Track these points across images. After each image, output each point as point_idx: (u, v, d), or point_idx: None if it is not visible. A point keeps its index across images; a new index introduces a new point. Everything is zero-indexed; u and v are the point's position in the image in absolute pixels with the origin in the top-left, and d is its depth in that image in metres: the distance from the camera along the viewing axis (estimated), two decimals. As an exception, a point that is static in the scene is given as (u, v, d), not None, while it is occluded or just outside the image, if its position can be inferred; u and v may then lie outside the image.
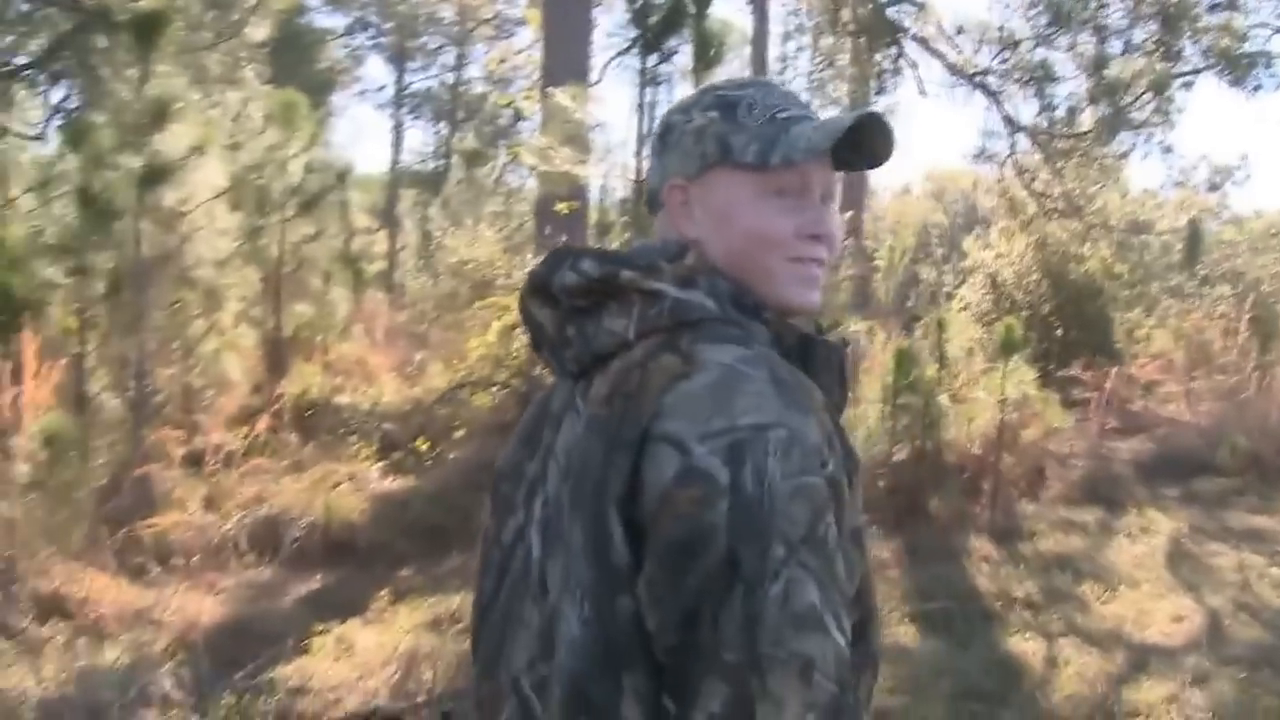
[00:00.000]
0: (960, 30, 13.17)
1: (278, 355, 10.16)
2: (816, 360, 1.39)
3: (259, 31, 11.10)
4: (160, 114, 7.53)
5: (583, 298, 1.39)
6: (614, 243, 8.84)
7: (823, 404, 1.30)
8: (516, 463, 1.50)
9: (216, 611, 5.82)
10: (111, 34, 9.05)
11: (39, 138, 11.26)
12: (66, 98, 14.59)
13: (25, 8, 10.76)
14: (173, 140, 7.61)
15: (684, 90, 8.24)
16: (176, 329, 8.74)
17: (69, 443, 6.00)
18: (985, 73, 12.21)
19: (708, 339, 1.30)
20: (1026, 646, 6.10)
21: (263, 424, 8.63)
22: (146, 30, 7.59)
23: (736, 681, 1.15)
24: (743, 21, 18.80)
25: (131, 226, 7.65)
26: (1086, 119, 12.08)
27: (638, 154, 8.07)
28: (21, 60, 11.28)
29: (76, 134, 8.34)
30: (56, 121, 12.02)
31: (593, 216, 11.79)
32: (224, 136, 9.21)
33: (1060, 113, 12.29)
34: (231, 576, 6.48)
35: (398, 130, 29.25)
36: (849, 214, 12.35)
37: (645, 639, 1.21)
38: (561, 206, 8.68)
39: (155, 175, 7.56)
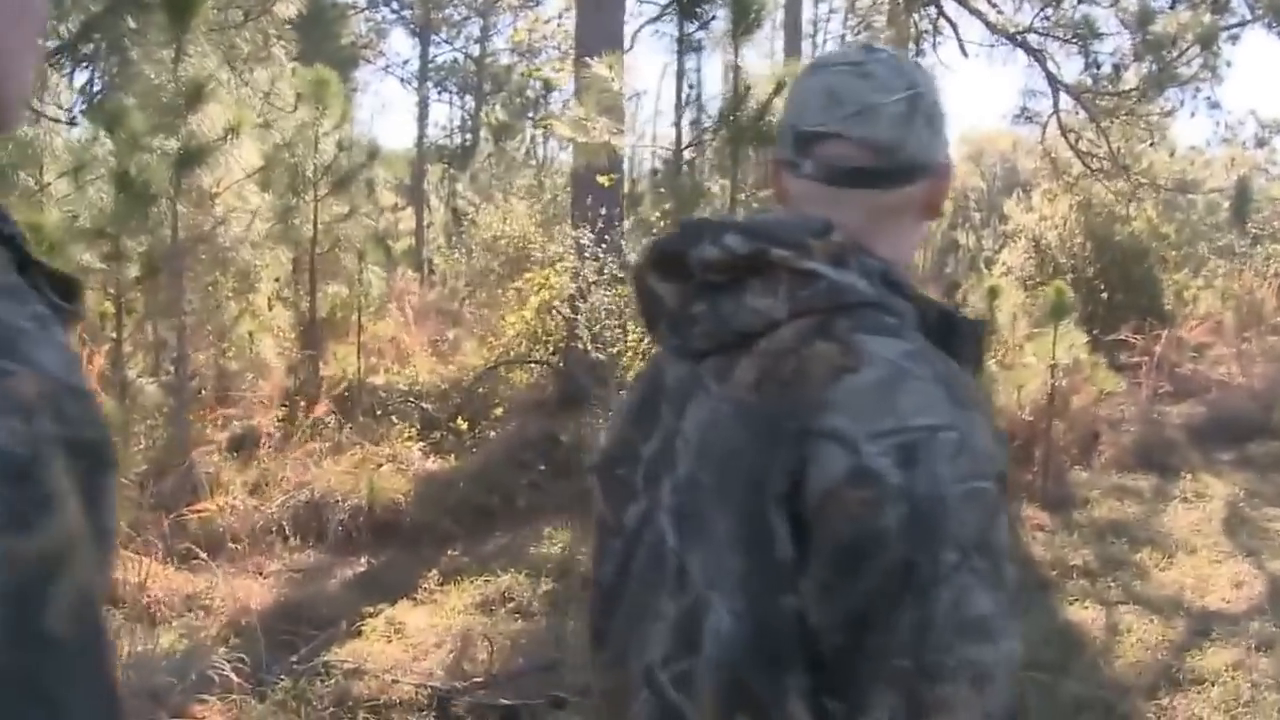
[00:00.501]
0: (1000, -12, 12.86)
1: (313, 336, 10.10)
2: (959, 335, 1.34)
3: (288, 8, 10.99)
4: (195, 95, 7.45)
5: (722, 273, 1.31)
6: (653, 213, 8.74)
7: (980, 395, 1.26)
8: (627, 444, 1.43)
9: (266, 596, 5.78)
10: (141, 15, 8.99)
11: (71, 122, 11.22)
12: (89, 81, 14.57)
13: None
14: (207, 121, 7.54)
15: (720, 57, 8.09)
16: (211, 312, 8.70)
17: (114, 429, 5.95)
18: (1026, 31, 11.91)
19: (866, 329, 1.25)
20: (1085, 615, 6.02)
21: (301, 406, 8.58)
22: (179, 10, 7.51)
23: (907, 690, 1.12)
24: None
25: (167, 209, 7.59)
26: (1131, 76, 11.80)
27: (677, 123, 7.95)
28: (52, 44, 11.23)
29: (111, 117, 8.29)
30: (88, 105, 11.99)
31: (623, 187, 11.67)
32: (255, 116, 9.14)
33: (1105, 70, 11.99)
34: (278, 560, 6.44)
35: (423, 105, 29.01)
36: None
37: (807, 636, 1.17)
38: (603, 179, 8.57)
39: (191, 157, 7.50)
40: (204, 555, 5.96)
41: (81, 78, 13.46)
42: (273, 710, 4.36)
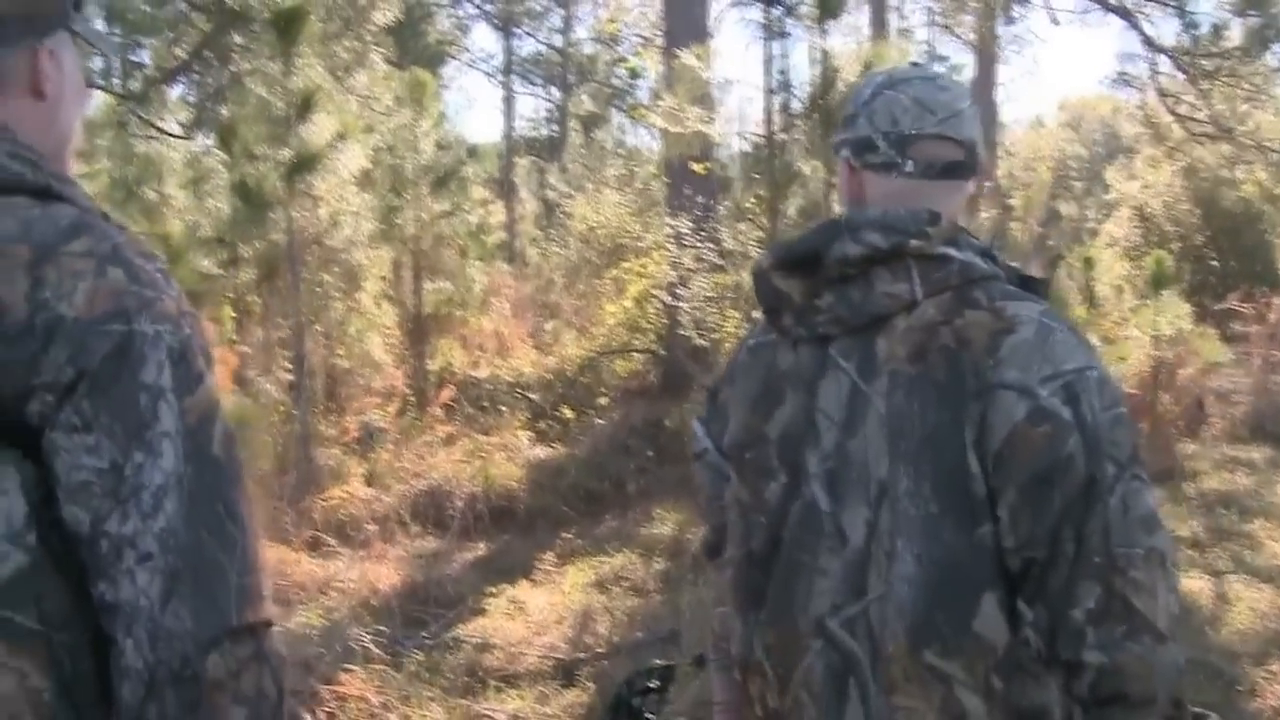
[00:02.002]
0: (1091, -50, 12.51)
1: (420, 332, 10.39)
2: (1036, 292, 1.56)
3: (385, 14, 11.32)
4: (305, 105, 7.76)
5: (857, 266, 1.50)
6: (746, 200, 8.83)
7: None
8: (751, 429, 1.63)
9: (393, 578, 6.05)
10: (249, 33, 9.33)
11: (188, 137, 11.68)
12: (202, 98, 15.00)
13: (181, 6, 11.13)
14: (316, 129, 7.83)
15: (807, 41, 8.14)
16: (321, 311, 9.01)
17: (245, 425, 6.25)
18: (1120, -6, 11.64)
19: (1002, 296, 1.49)
20: (1193, 585, 5.99)
21: (411, 400, 8.86)
22: (287, 26, 7.81)
23: (1107, 579, 1.38)
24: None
25: (282, 215, 7.89)
26: (1234, 34, 11.45)
27: (766, 108, 8.04)
28: (169, 65, 11.69)
29: (226, 131, 8.65)
30: (204, 119, 12.44)
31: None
32: (358, 121, 9.42)
33: (1204, 30, 11.67)
34: (400, 546, 6.70)
35: (509, 98, 29.26)
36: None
37: (1002, 557, 1.42)
38: (698, 167, 8.70)
39: (303, 164, 7.80)
40: (332, 542, 6.27)
41: (194, 95, 13.93)
42: (410, 680, 4.64)
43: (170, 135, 11.16)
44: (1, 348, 1.13)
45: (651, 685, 1.92)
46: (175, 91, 13.30)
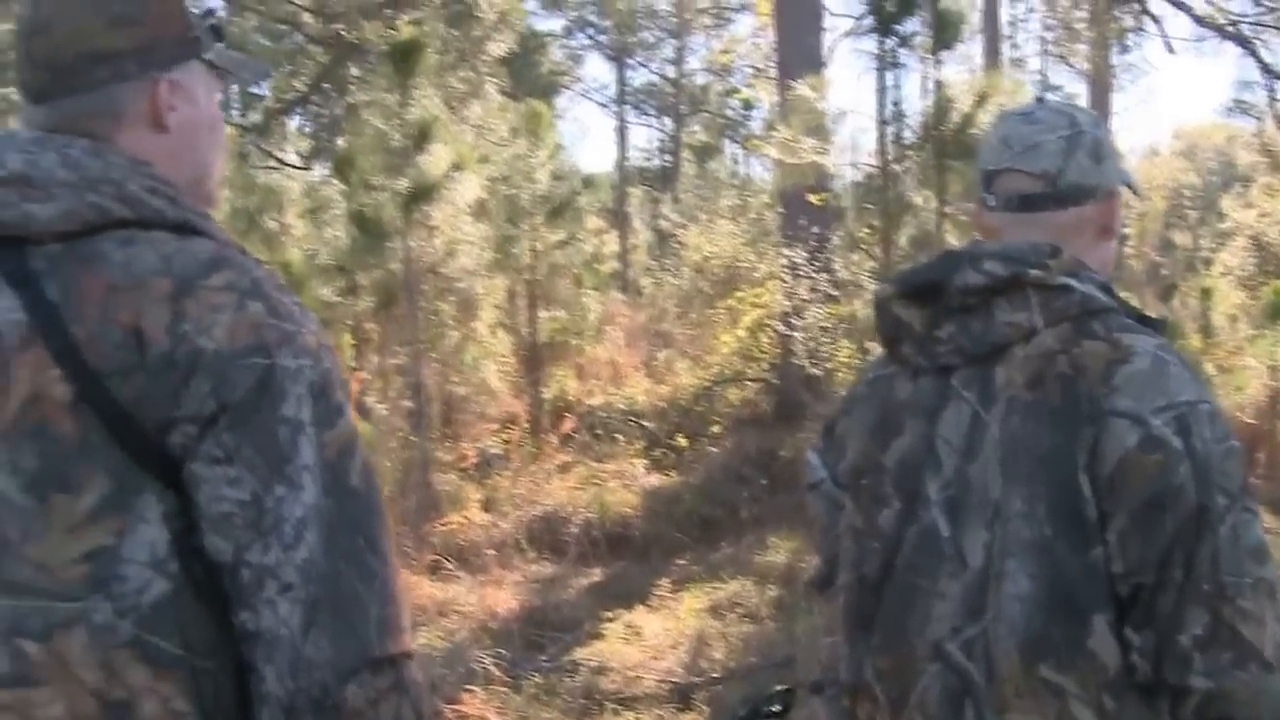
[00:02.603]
0: (1208, -21, 12.36)
1: (534, 360, 10.56)
2: (1154, 330, 1.58)
3: (499, 47, 11.58)
4: (423, 136, 7.96)
5: (977, 296, 1.55)
6: (859, 230, 8.84)
7: None
8: (868, 456, 1.66)
9: (511, 602, 6.18)
10: (366, 65, 9.61)
11: (306, 167, 12.05)
12: (320, 129, 15.48)
13: (299, 39, 11.54)
14: (433, 160, 8.03)
15: (920, 72, 8.15)
16: (438, 339, 9.22)
17: (370, 449, 6.44)
18: (1237, 22, 11.46)
19: (1119, 328, 1.53)
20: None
21: (526, 428, 9.02)
22: (404, 58, 8.04)
23: (1214, 607, 1.40)
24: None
25: (400, 245, 8.10)
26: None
27: (880, 138, 8.05)
28: (289, 96, 12.10)
29: (344, 161, 8.92)
30: (322, 150, 12.84)
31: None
32: (473, 151, 9.63)
33: (1324, 56, 11.41)
34: (518, 572, 6.84)
35: (622, 128, 29.54)
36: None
37: (1111, 581, 1.44)
38: (815, 199, 8.73)
39: (420, 194, 7.99)
40: (451, 566, 6.43)
41: (312, 126, 14.38)
42: (529, 702, 4.77)
43: (289, 166, 11.55)
44: (144, 379, 1.17)
45: (774, 709, 1.95)
46: (294, 123, 13.81)
